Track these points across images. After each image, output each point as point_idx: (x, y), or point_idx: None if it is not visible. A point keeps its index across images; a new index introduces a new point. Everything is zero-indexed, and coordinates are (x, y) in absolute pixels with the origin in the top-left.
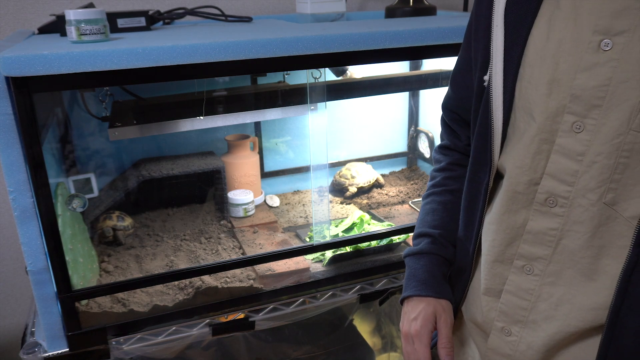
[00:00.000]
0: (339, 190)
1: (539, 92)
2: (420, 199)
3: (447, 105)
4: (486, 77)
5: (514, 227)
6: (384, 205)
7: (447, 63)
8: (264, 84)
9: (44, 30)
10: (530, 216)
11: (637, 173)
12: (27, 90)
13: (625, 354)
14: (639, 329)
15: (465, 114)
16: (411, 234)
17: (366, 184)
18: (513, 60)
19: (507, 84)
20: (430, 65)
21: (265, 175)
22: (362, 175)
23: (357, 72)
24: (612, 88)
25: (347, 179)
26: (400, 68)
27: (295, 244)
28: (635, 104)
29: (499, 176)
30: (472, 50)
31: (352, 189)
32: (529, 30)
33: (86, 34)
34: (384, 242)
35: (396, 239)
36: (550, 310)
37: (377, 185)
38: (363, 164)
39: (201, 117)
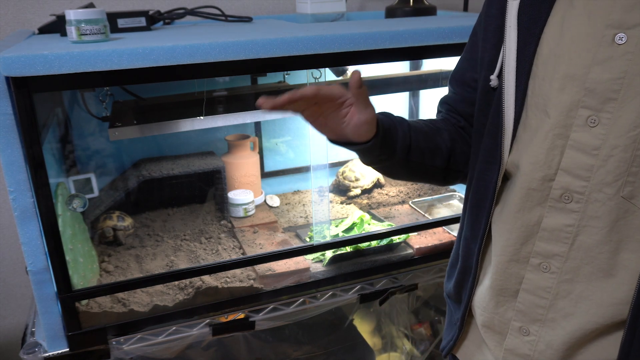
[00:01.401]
0: (342, 190)
1: (553, 88)
2: (421, 199)
3: (445, 101)
4: (492, 77)
5: (529, 225)
6: (384, 205)
7: (447, 63)
8: (264, 84)
9: (44, 30)
10: (545, 213)
11: None
12: (27, 90)
13: None
14: None
15: (462, 107)
16: (411, 234)
17: (369, 185)
18: (526, 59)
19: (519, 83)
20: (430, 65)
21: (265, 175)
22: (365, 177)
23: None
24: (627, 81)
25: (351, 181)
26: (400, 68)
27: (295, 244)
28: None
29: (507, 176)
30: (478, 51)
31: (356, 191)
32: (542, 29)
33: (86, 34)
34: (384, 242)
35: (396, 239)
36: (570, 307)
37: (377, 185)
38: None
39: (201, 117)
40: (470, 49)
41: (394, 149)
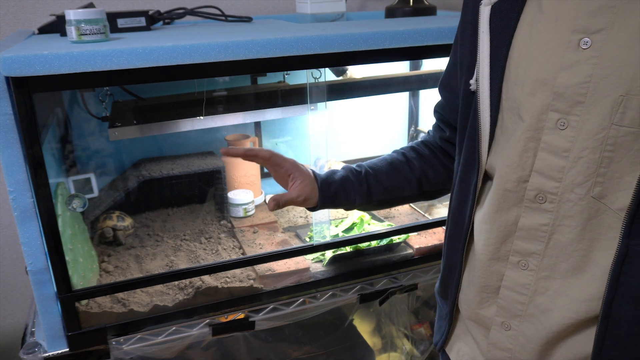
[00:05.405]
0: None
1: (525, 92)
2: None
3: (436, 108)
4: (472, 81)
5: (507, 224)
6: None
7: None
8: (264, 84)
9: (44, 30)
10: (522, 213)
11: (623, 166)
12: (27, 90)
13: (620, 343)
14: (632, 319)
15: (449, 114)
16: (411, 234)
17: None
18: (499, 63)
19: (493, 87)
20: (430, 65)
21: (265, 175)
22: None
23: (357, 72)
24: (592, 84)
25: None
26: (400, 68)
27: (295, 244)
28: (616, 99)
29: (488, 177)
30: (458, 56)
31: None
32: (513, 34)
33: (86, 34)
34: (384, 242)
35: (396, 239)
36: (547, 303)
37: None
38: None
39: (201, 117)
40: (453, 55)
41: (352, 201)
